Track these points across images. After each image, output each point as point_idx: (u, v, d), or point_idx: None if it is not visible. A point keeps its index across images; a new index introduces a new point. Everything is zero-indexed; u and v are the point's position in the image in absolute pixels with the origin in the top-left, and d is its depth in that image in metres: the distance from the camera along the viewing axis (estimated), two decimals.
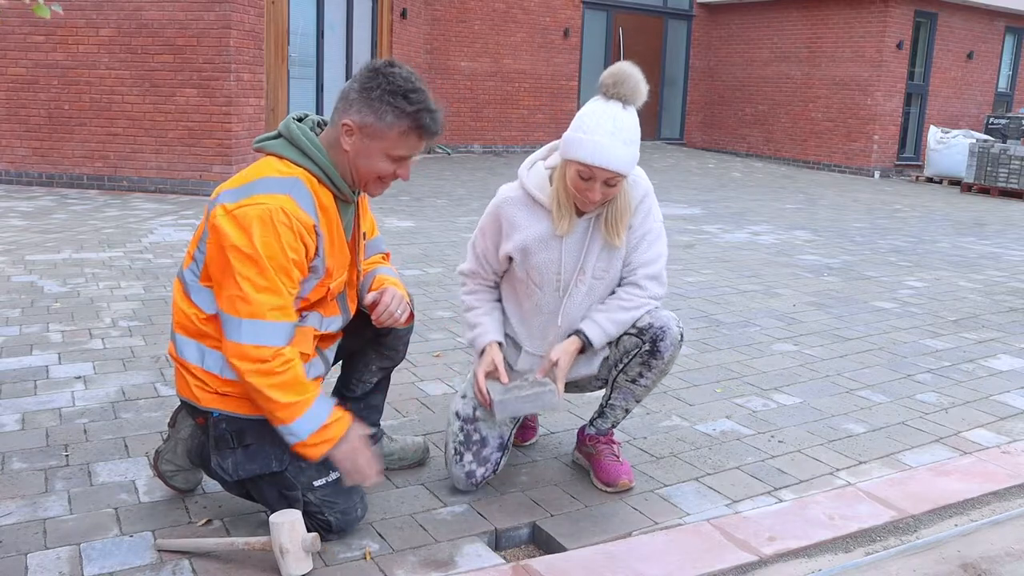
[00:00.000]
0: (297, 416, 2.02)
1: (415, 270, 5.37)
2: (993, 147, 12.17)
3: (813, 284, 5.53)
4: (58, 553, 2.07)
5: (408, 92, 2.05)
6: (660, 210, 2.49)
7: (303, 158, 2.11)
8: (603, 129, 2.20)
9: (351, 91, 2.09)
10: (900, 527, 2.40)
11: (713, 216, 8.66)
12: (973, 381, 3.67)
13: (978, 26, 15.24)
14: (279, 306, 2.01)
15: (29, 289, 4.55)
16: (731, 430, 3.02)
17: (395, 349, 2.51)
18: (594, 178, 2.23)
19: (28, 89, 8.45)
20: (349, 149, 2.10)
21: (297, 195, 2.05)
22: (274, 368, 2.00)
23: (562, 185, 2.33)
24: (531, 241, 2.40)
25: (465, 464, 2.44)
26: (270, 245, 1.98)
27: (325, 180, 2.12)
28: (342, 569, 2.07)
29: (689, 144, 17.00)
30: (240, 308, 1.99)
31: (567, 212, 2.35)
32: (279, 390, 2.00)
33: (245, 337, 1.98)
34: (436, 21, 13.63)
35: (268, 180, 2.06)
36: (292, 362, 2.02)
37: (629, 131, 2.22)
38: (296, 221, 2.02)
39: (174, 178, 8.39)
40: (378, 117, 2.06)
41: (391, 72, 2.07)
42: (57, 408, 2.95)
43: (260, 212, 1.99)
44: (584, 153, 2.21)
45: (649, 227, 2.44)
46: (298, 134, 2.11)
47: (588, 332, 2.41)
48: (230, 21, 8.01)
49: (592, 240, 2.40)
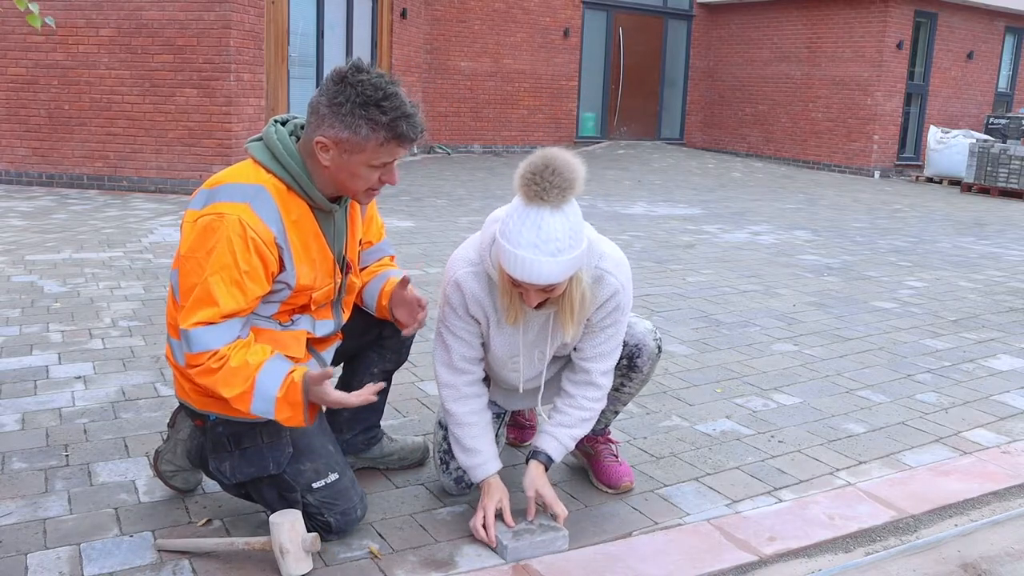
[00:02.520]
0: (250, 402, 1.97)
1: (415, 270, 5.37)
2: (993, 147, 12.17)
3: (813, 284, 5.52)
4: (58, 553, 2.08)
5: (379, 101, 1.93)
6: (631, 301, 2.30)
7: (274, 163, 2.03)
8: (526, 241, 1.94)
9: (320, 105, 1.98)
10: (900, 527, 2.40)
11: (713, 216, 8.66)
12: (973, 381, 3.67)
13: (978, 26, 15.24)
14: (211, 320, 1.94)
15: (29, 289, 4.55)
16: (731, 430, 3.02)
17: (397, 352, 2.50)
18: (526, 288, 2.04)
19: (28, 89, 8.45)
20: (328, 165, 2.01)
21: (258, 205, 1.97)
22: (209, 366, 1.95)
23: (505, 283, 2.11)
24: (491, 317, 2.23)
25: (452, 471, 2.42)
26: (221, 256, 1.93)
27: (296, 188, 2.04)
28: (342, 569, 2.07)
29: (689, 144, 17.00)
30: (184, 317, 1.96)
31: (513, 306, 2.14)
32: (223, 386, 1.96)
33: (191, 346, 1.95)
34: (436, 21, 13.63)
35: (232, 187, 2.00)
36: (226, 356, 1.96)
37: (558, 240, 1.93)
38: (252, 232, 1.94)
39: (174, 178, 8.39)
40: (352, 131, 1.95)
41: (359, 80, 1.94)
42: (57, 408, 2.95)
43: (211, 222, 1.94)
44: (507, 264, 1.99)
45: (615, 320, 2.25)
46: (274, 139, 2.05)
47: (547, 450, 2.30)
48: (230, 21, 8.01)
49: (554, 331, 2.26)
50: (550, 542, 2.17)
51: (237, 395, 1.96)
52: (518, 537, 2.17)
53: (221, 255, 1.93)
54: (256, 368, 1.97)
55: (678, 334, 4.20)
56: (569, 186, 1.94)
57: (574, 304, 2.12)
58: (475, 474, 2.31)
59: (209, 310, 1.93)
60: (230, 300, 1.94)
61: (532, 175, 1.94)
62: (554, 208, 1.94)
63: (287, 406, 1.99)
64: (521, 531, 2.19)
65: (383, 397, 2.57)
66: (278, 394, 1.97)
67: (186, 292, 1.97)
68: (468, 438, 2.30)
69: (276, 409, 1.99)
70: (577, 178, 1.96)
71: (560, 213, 1.95)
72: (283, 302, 2.11)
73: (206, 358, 1.95)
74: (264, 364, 1.98)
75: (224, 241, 1.93)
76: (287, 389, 1.98)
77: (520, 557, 2.13)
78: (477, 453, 2.30)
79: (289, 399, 1.98)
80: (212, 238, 1.93)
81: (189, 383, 2.13)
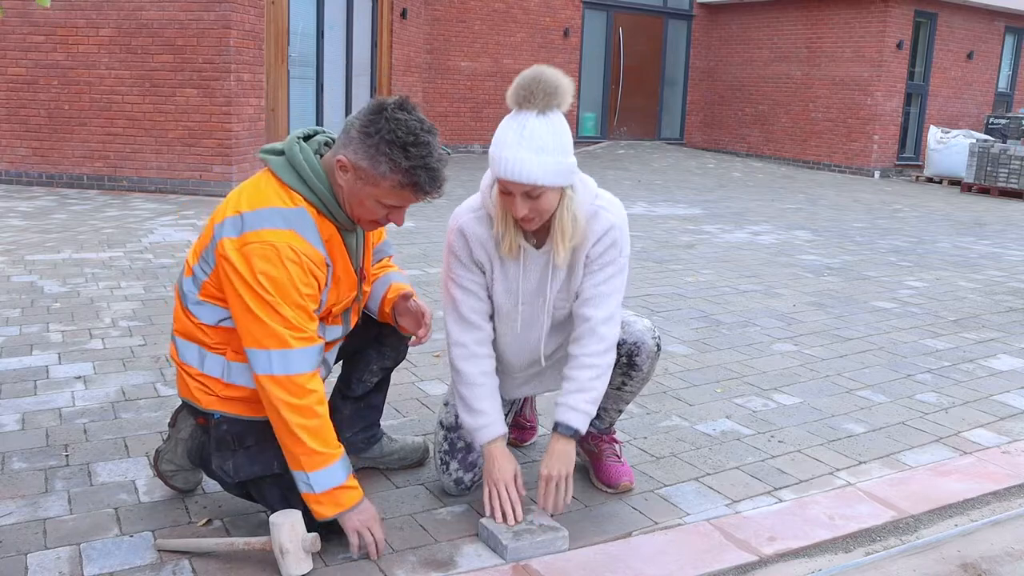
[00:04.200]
0: (319, 467, 1.99)
1: (415, 270, 5.37)
2: (993, 147, 12.17)
3: (813, 284, 5.52)
4: (58, 553, 2.07)
5: (408, 145, 1.93)
6: (629, 243, 2.29)
7: (302, 185, 2.03)
8: (509, 140, 2.04)
9: (352, 127, 1.99)
10: (900, 527, 2.40)
11: (713, 216, 8.66)
12: (973, 381, 3.67)
13: (978, 26, 15.24)
14: (301, 336, 1.97)
15: (29, 289, 4.55)
16: (731, 430, 3.02)
17: (396, 349, 2.51)
18: (512, 192, 2.08)
19: (28, 89, 8.45)
20: (343, 185, 2.02)
21: (302, 229, 1.99)
22: (311, 406, 1.97)
23: (499, 205, 2.19)
24: (494, 259, 2.27)
25: (452, 472, 2.43)
26: (282, 284, 1.94)
27: (324, 211, 2.05)
28: (342, 569, 2.07)
29: (689, 144, 17.00)
30: (266, 342, 1.95)
31: (508, 231, 2.19)
32: (309, 434, 1.97)
33: (276, 368, 1.95)
34: (436, 21, 13.63)
35: (272, 212, 1.98)
36: (325, 405, 2.01)
37: (540, 138, 2.03)
38: (305, 258, 1.97)
39: (174, 178, 8.39)
40: (372, 164, 1.95)
41: (395, 117, 1.94)
42: (57, 408, 2.95)
43: (267, 252, 1.94)
44: (495, 167, 2.08)
45: (612, 258, 2.25)
46: (299, 158, 2.03)
47: (569, 422, 2.24)
48: (230, 21, 8.01)
49: (554, 272, 2.27)
50: (550, 542, 2.17)
51: (314, 451, 1.98)
52: (518, 537, 2.16)
53: (279, 283, 1.94)
54: (340, 446, 2.04)
55: (678, 334, 4.20)
56: (554, 92, 2.04)
57: (564, 225, 2.15)
58: (480, 436, 2.28)
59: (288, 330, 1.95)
60: (298, 321, 1.97)
61: (520, 84, 2.05)
62: (539, 113, 2.05)
63: (333, 499, 2.02)
64: (521, 531, 2.19)
65: (382, 397, 2.58)
66: (343, 483, 2.03)
67: (251, 318, 1.96)
68: (475, 399, 2.28)
69: (328, 491, 2.01)
70: (561, 86, 2.05)
71: (544, 118, 2.05)
72: None
73: (305, 380, 1.97)
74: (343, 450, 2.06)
75: (282, 269, 1.94)
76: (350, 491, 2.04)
77: (520, 557, 2.13)
78: (483, 414, 2.27)
79: (340, 497, 2.03)
80: (268, 266, 1.93)
81: (194, 381, 2.12)
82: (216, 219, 2.05)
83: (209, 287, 2.07)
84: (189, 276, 2.12)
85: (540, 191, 2.07)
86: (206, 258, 2.07)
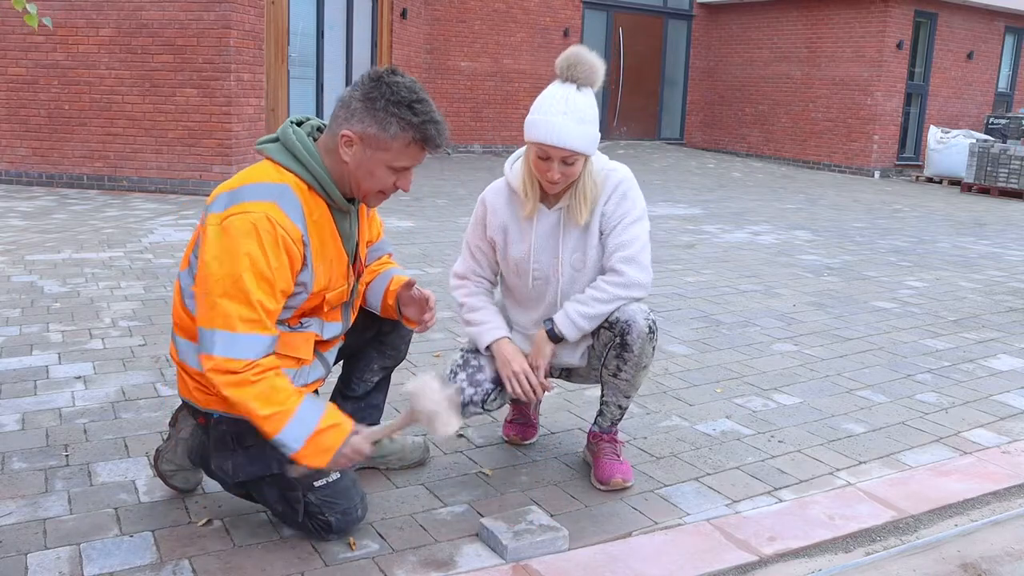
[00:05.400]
0: (282, 426, 1.96)
1: (415, 270, 5.37)
2: (993, 147, 12.17)
3: (813, 284, 5.53)
4: (58, 553, 2.07)
5: (413, 103, 2.01)
6: (642, 198, 2.49)
7: (295, 164, 2.06)
8: (555, 109, 2.27)
9: (352, 99, 2.04)
10: (900, 527, 2.40)
11: (713, 216, 8.66)
12: (973, 381, 3.67)
13: (978, 26, 15.24)
14: (252, 319, 1.94)
15: (29, 289, 4.55)
16: (731, 430, 3.02)
17: (396, 348, 2.51)
18: (551, 157, 2.30)
19: (28, 89, 8.45)
20: (348, 160, 2.05)
21: (284, 203, 2.00)
22: (247, 378, 1.93)
23: (527, 169, 2.41)
24: (509, 225, 2.49)
25: (457, 381, 2.48)
26: (251, 255, 1.93)
27: (317, 188, 2.07)
28: (342, 569, 2.07)
29: (689, 144, 17.00)
30: (214, 320, 1.93)
31: (532, 195, 2.43)
32: (257, 401, 1.94)
33: (217, 349, 1.92)
34: (436, 21, 13.63)
35: (256, 186, 2.02)
36: (267, 371, 1.96)
37: (583, 111, 2.29)
38: (281, 230, 1.96)
39: (174, 178, 8.39)
40: (381, 127, 2.01)
41: (394, 81, 2.02)
42: (57, 408, 2.95)
43: (243, 221, 1.94)
44: (538, 133, 2.28)
45: (626, 210, 2.44)
46: (293, 139, 2.07)
47: (556, 321, 2.45)
48: (230, 21, 8.01)
49: (566, 230, 2.45)
50: (550, 542, 2.17)
51: (270, 414, 1.94)
52: (518, 537, 2.17)
53: (250, 250, 1.93)
54: (299, 395, 1.98)
55: (678, 334, 4.20)
56: (593, 70, 2.31)
57: (587, 188, 2.40)
58: (483, 338, 2.49)
59: (240, 306, 1.92)
60: (260, 294, 1.94)
61: (566, 61, 2.32)
62: (580, 87, 2.31)
63: (318, 446, 1.98)
64: (521, 531, 2.19)
65: (382, 396, 2.58)
66: (317, 426, 1.98)
67: (213, 289, 1.93)
68: (476, 311, 2.53)
69: (306, 442, 1.97)
70: (599, 67, 2.33)
71: (584, 92, 2.32)
72: (298, 307, 2.12)
73: (243, 366, 1.92)
74: (306, 395, 2.01)
75: (253, 237, 1.93)
76: (330, 431, 1.99)
77: (520, 557, 2.13)
78: (484, 322, 2.51)
79: (322, 442, 1.98)
80: (240, 235, 1.93)
81: (194, 381, 2.13)
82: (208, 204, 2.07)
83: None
84: (185, 268, 2.13)
85: (575, 157, 2.31)
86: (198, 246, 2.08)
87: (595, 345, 2.52)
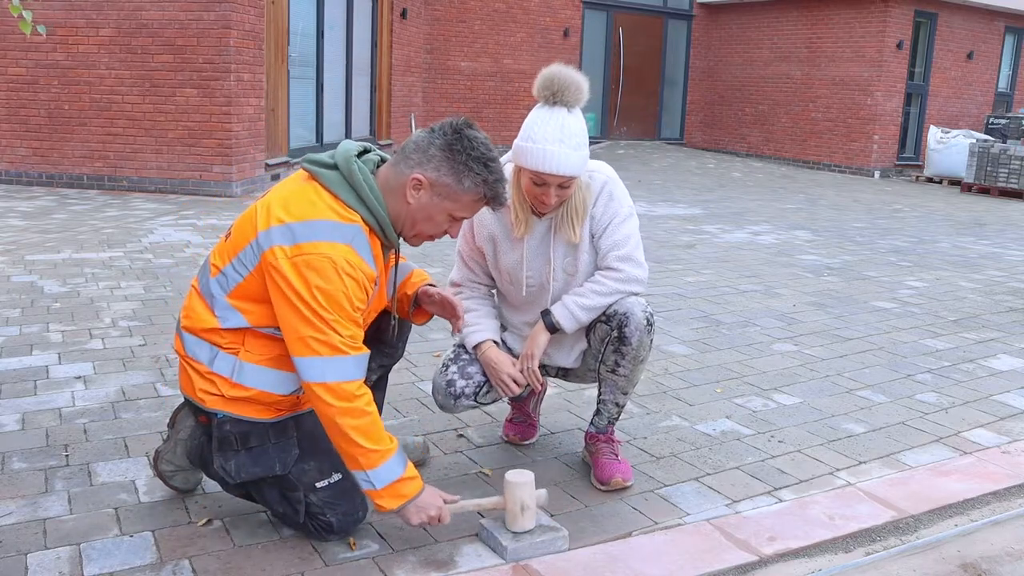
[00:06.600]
0: (377, 464, 2.03)
1: None
2: (993, 147, 12.17)
3: (813, 284, 5.53)
4: (58, 553, 2.08)
5: (488, 160, 2.06)
6: (627, 195, 2.49)
7: (359, 204, 2.06)
8: (551, 137, 2.23)
9: (431, 146, 2.06)
10: (900, 527, 2.40)
11: (713, 216, 8.66)
12: (973, 381, 3.67)
13: (978, 26, 15.24)
14: (354, 345, 2.02)
15: (29, 289, 4.55)
16: (731, 430, 3.02)
17: (394, 347, 2.51)
18: (547, 184, 2.28)
19: (28, 89, 8.45)
20: (412, 203, 2.08)
21: (358, 246, 2.03)
22: (362, 408, 2.00)
23: (517, 189, 2.39)
24: (498, 236, 2.49)
25: (448, 374, 2.52)
26: (336, 298, 1.97)
27: (376, 230, 2.10)
28: (342, 569, 2.07)
29: (689, 144, 17.00)
30: (319, 349, 1.98)
31: (524, 215, 2.41)
32: (363, 435, 2.01)
33: (329, 376, 1.98)
34: (436, 21, 13.63)
35: (328, 225, 2.00)
36: (373, 404, 2.04)
37: (578, 136, 2.26)
38: (360, 272, 2.01)
39: (174, 178, 8.39)
40: (456, 179, 2.05)
41: (474, 136, 2.06)
42: (57, 408, 2.95)
43: (323, 264, 1.96)
44: (535, 162, 2.25)
45: (614, 211, 2.44)
46: (359, 178, 2.06)
47: (553, 311, 2.45)
48: (230, 21, 8.01)
49: (556, 239, 2.45)
50: (550, 542, 2.18)
51: (373, 450, 2.02)
52: (518, 537, 2.17)
53: (333, 295, 1.97)
54: (393, 440, 2.07)
55: (678, 334, 4.20)
56: (579, 89, 2.27)
57: (578, 205, 2.39)
58: (470, 339, 2.52)
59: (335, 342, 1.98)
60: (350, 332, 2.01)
61: (551, 86, 2.26)
62: (570, 109, 2.28)
63: (394, 492, 2.06)
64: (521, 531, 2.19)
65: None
66: (403, 474, 2.07)
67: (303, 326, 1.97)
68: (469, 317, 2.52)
69: (388, 485, 2.05)
70: (584, 86, 2.29)
71: (575, 115, 2.29)
72: None
73: (356, 387, 2.00)
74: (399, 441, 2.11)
75: (338, 282, 1.97)
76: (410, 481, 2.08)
77: (520, 557, 2.13)
78: (474, 324, 2.53)
79: (401, 489, 2.07)
80: (323, 279, 1.96)
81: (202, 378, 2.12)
82: (259, 223, 2.04)
83: (245, 289, 2.07)
84: (218, 276, 2.11)
85: (571, 181, 2.31)
86: (243, 260, 2.06)
87: (592, 342, 2.52)
